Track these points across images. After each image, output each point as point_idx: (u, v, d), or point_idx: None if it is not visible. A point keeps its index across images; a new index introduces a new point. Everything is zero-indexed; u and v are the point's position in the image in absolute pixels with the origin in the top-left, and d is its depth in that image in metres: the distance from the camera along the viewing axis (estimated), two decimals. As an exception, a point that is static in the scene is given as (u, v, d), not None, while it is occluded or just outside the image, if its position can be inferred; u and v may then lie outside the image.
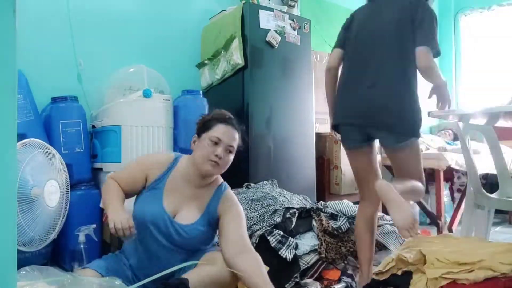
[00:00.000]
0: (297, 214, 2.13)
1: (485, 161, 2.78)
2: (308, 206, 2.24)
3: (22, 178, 1.75)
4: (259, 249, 1.86)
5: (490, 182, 3.16)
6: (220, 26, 2.81)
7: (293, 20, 2.84)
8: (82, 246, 1.81)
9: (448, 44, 5.00)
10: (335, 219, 2.15)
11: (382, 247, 2.18)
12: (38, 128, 2.09)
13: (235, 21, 2.66)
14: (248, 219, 2.02)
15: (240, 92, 2.65)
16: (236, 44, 2.63)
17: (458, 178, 3.89)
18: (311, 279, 1.90)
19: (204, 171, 1.53)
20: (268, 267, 1.54)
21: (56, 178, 1.96)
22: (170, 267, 1.38)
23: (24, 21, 2.21)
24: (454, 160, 3.16)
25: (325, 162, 3.20)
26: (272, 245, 1.89)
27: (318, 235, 2.04)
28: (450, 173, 3.77)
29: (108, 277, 1.41)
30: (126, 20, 2.75)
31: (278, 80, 2.76)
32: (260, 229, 1.97)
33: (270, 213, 2.06)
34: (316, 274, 1.93)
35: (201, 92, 2.74)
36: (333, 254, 2.00)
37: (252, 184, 2.44)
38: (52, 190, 1.91)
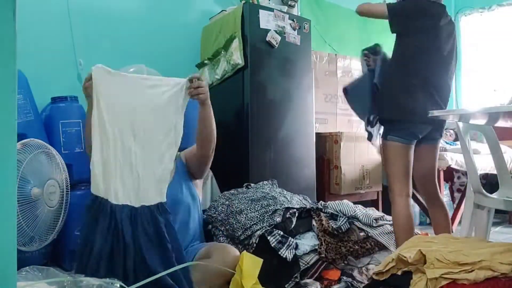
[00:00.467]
0: (297, 214, 2.13)
1: (485, 161, 2.78)
2: (308, 206, 2.24)
3: (22, 178, 1.75)
4: (259, 249, 1.87)
5: (490, 182, 3.16)
6: (220, 26, 2.81)
7: (293, 20, 2.84)
8: (82, 246, 1.81)
9: (448, 44, 4.99)
10: (335, 219, 2.15)
11: (382, 247, 2.17)
12: (38, 128, 2.09)
13: (235, 21, 2.66)
14: (248, 219, 2.02)
15: (240, 92, 2.65)
16: (236, 44, 2.63)
17: (458, 178, 3.89)
18: (311, 279, 1.90)
19: None
20: (268, 267, 1.55)
21: (56, 178, 1.96)
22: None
23: (24, 21, 2.21)
24: (454, 160, 3.16)
25: (325, 162, 3.20)
26: (272, 245, 1.89)
27: (318, 235, 2.04)
28: (450, 173, 3.77)
29: (109, 278, 1.41)
30: (126, 20, 2.75)
31: (278, 80, 2.76)
32: (260, 229, 1.97)
33: (270, 213, 2.06)
34: (316, 274, 1.93)
35: (201, 92, 2.73)
36: (333, 254, 1.99)
37: (252, 184, 2.44)
38: (52, 190, 1.91)
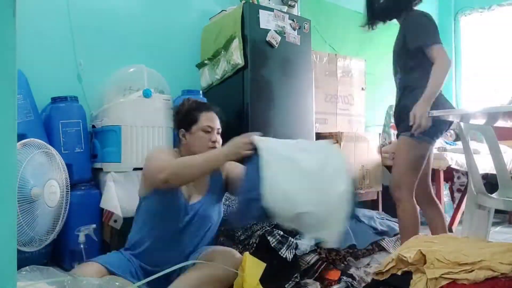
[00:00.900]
0: (297, 214, 2.13)
1: (485, 161, 2.78)
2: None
3: (22, 178, 1.75)
4: (259, 249, 1.87)
5: (490, 182, 3.16)
6: (220, 26, 2.81)
7: (293, 20, 2.84)
8: (82, 246, 1.82)
9: (448, 44, 5.00)
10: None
11: (382, 248, 2.18)
12: (38, 128, 2.09)
13: (235, 21, 2.66)
14: (248, 219, 2.02)
15: (240, 92, 2.65)
16: (236, 44, 2.63)
17: (458, 178, 3.90)
18: (311, 279, 1.90)
19: None
20: (268, 267, 1.55)
21: (56, 178, 1.96)
22: (183, 253, 1.51)
23: (24, 21, 2.21)
24: (454, 160, 3.16)
25: (325, 162, 3.20)
26: (272, 245, 1.89)
27: (318, 235, 2.04)
28: (450, 173, 3.77)
29: (109, 277, 1.41)
30: (126, 20, 2.75)
31: (278, 80, 2.76)
32: (260, 229, 1.97)
33: (270, 213, 2.05)
34: (316, 274, 1.93)
35: (201, 92, 2.74)
36: (333, 254, 1.99)
37: (252, 184, 2.43)
38: (52, 190, 1.91)
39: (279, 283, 1.78)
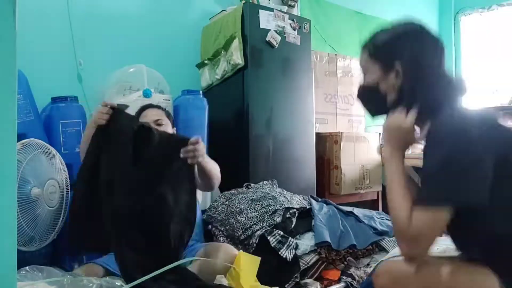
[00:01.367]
0: (297, 214, 2.13)
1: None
2: (308, 206, 2.24)
3: (22, 178, 1.75)
4: (259, 249, 1.88)
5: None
6: (220, 26, 2.81)
7: (293, 20, 2.84)
8: (82, 246, 1.81)
9: (448, 44, 5.00)
10: (335, 219, 2.15)
11: (382, 248, 2.17)
12: (38, 128, 2.08)
13: (235, 21, 2.66)
14: (248, 219, 2.02)
15: (240, 92, 2.65)
16: (236, 44, 2.63)
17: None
18: (311, 279, 1.90)
19: None
20: (268, 267, 1.56)
21: (56, 178, 1.96)
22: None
23: (24, 21, 2.21)
24: (454, 160, 3.15)
25: (325, 162, 3.20)
26: (272, 245, 1.89)
27: (318, 235, 2.04)
28: (450, 173, 3.76)
29: (108, 277, 1.41)
30: (126, 20, 2.75)
31: (278, 80, 2.76)
32: (260, 229, 1.97)
33: (270, 213, 2.06)
34: (316, 274, 1.93)
35: (201, 92, 2.74)
36: (333, 254, 1.99)
37: (252, 184, 2.44)
38: (52, 190, 1.91)
39: (279, 283, 1.78)
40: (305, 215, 2.17)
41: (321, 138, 3.23)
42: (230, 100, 2.72)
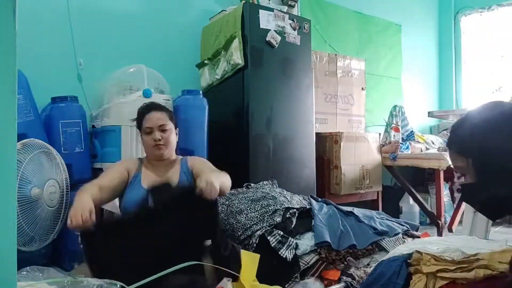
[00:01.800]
0: (297, 214, 2.13)
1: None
2: (308, 206, 2.24)
3: (22, 178, 1.75)
4: (259, 249, 1.87)
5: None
6: (220, 26, 2.81)
7: (293, 20, 2.84)
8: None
9: (448, 44, 5.00)
10: (335, 219, 2.15)
11: (382, 248, 2.17)
12: (38, 128, 2.08)
13: (235, 21, 2.66)
14: (248, 219, 2.02)
15: (240, 92, 2.65)
16: (236, 44, 2.63)
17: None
18: (311, 279, 1.90)
19: (156, 156, 1.82)
20: (268, 267, 1.55)
21: (56, 178, 1.96)
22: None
23: (24, 21, 2.21)
24: (454, 160, 3.15)
25: (325, 162, 3.20)
26: (272, 245, 1.89)
27: (318, 235, 2.04)
28: (450, 173, 3.77)
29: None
30: (126, 20, 2.75)
31: (278, 80, 2.76)
32: (260, 229, 1.97)
33: (270, 213, 2.06)
34: (316, 274, 1.93)
35: (201, 92, 2.73)
36: (333, 254, 1.99)
37: (252, 184, 2.44)
38: (52, 190, 1.92)
39: (279, 283, 1.78)
40: (305, 215, 2.17)
41: (321, 138, 3.23)
42: (230, 100, 2.72)
